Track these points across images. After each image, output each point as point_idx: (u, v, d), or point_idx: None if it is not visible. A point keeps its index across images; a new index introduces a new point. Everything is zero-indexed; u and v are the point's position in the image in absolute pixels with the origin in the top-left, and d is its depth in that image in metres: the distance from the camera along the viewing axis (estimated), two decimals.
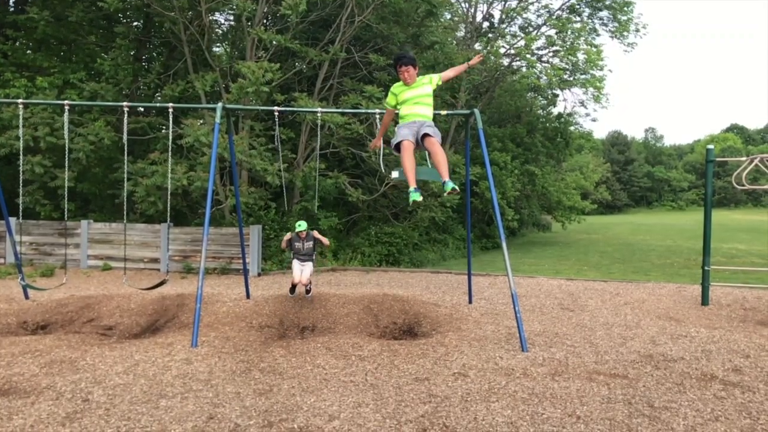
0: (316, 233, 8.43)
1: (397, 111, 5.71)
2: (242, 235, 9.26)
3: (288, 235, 8.31)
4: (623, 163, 78.71)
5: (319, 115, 8.30)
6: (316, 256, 8.70)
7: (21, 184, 8.94)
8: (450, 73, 5.72)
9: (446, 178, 5.12)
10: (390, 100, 5.64)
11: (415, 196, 5.18)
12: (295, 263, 8.32)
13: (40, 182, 13.48)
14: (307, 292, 8.59)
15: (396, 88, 5.57)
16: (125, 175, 10.52)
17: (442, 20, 20.21)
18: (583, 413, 4.30)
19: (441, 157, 5.17)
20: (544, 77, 21.68)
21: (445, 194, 5.17)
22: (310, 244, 8.29)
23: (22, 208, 11.17)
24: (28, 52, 15.18)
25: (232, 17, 16.52)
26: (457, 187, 5.02)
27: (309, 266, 8.35)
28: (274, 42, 13.69)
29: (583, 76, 21.44)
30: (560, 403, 4.50)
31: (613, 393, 4.76)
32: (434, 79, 5.59)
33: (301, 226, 8.17)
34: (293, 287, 8.53)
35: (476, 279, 11.34)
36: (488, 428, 4.02)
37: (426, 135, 5.26)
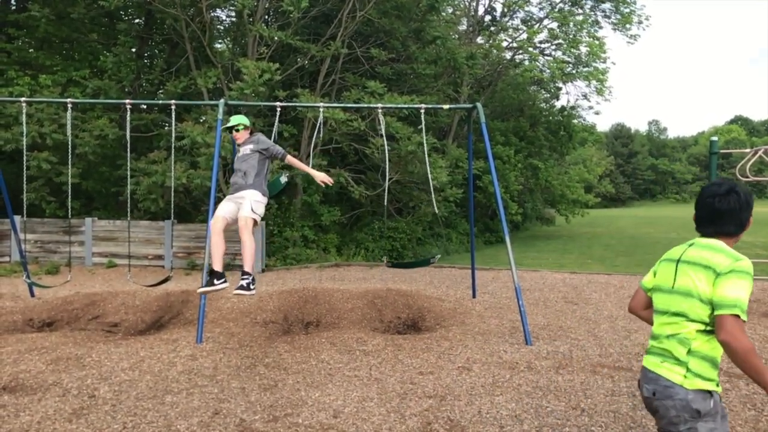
0: (263, 138, 5.19)
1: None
2: None
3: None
4: (627, 155, 78.38)
5: (321, 110, 8.28)
6: (268, 184, 5.27)
7: (25, 182, 8.96)
8: None
9: None
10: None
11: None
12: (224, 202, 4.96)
13: (45, 179, 13.53)
14: (244, 285, 4.90)
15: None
16: (128, 173, 10.55)
17: (443, 14, 20.13)
18: (588, 406, 4.31)
19: None
20: (547, 70, 21.59)
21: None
22: (249, 151, 5.07)
23: (27, 205, 11.20)
24: (31, 50, 15.20)
25: (233, 13, 16.49)
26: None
27: (248, 197, 4.89)
28: (275, 38, 13.67)
29: (585, 69, 21.35)
30: (564, 396, 4.51)
31: (617, 386, 4.76)
32: None
33: (234, 120, 5.22)
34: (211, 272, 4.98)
35: (480, 273, 11.34)
36: (492, 421, 4.03)
37: None
